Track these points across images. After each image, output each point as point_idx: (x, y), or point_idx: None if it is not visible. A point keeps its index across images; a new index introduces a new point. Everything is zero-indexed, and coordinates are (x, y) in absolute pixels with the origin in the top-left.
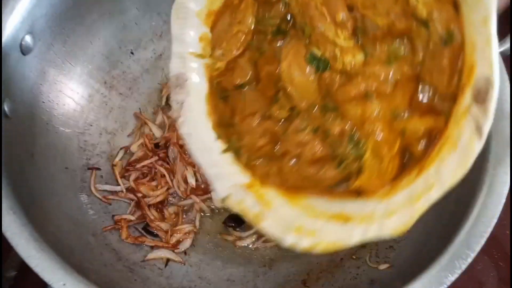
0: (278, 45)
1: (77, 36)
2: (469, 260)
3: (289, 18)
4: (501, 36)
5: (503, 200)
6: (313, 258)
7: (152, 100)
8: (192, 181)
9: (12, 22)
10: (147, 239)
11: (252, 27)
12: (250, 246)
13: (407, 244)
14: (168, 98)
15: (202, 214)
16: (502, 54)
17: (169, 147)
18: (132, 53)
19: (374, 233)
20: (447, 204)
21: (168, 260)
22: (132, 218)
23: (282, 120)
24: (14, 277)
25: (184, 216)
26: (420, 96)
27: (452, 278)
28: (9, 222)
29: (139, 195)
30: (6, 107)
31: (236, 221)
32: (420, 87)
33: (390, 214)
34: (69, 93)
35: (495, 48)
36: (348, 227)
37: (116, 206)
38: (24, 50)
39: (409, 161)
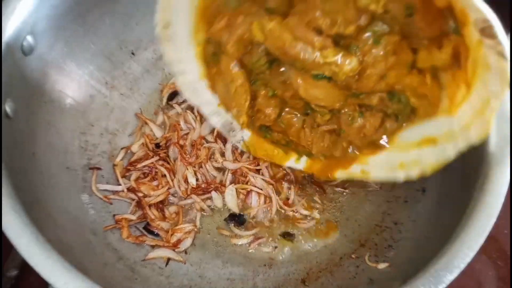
0: (280, 70)
1: (78, 36)
2: (468, 259)
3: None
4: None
5: (502, 200)
6: (313, 258)
7: (153, 100)
8: (192, 181)
9: (14, 23)
10: (147, 238)
11: (244, 76)
12: (246, 245)
13: (406, 243)
14: (168, 98)
15: (203, 213)
16: None
17: (170, 147)
18: (133, 53)
19: (464, 144)
20: (446, 203)
21: (168, 259)
22: (133, 217)
23: (330, 120)
24: (15, 277)
25: (185, 215)
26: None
27: (451, 277)
28: (11, 222)
29: (140, 194)
30: (7, 108)
31: (237, 221)
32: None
33: (467, 128)
34: (70, 93)
35: None
36: (440, 147)
37: (117, 206)
38: (26, 51)
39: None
